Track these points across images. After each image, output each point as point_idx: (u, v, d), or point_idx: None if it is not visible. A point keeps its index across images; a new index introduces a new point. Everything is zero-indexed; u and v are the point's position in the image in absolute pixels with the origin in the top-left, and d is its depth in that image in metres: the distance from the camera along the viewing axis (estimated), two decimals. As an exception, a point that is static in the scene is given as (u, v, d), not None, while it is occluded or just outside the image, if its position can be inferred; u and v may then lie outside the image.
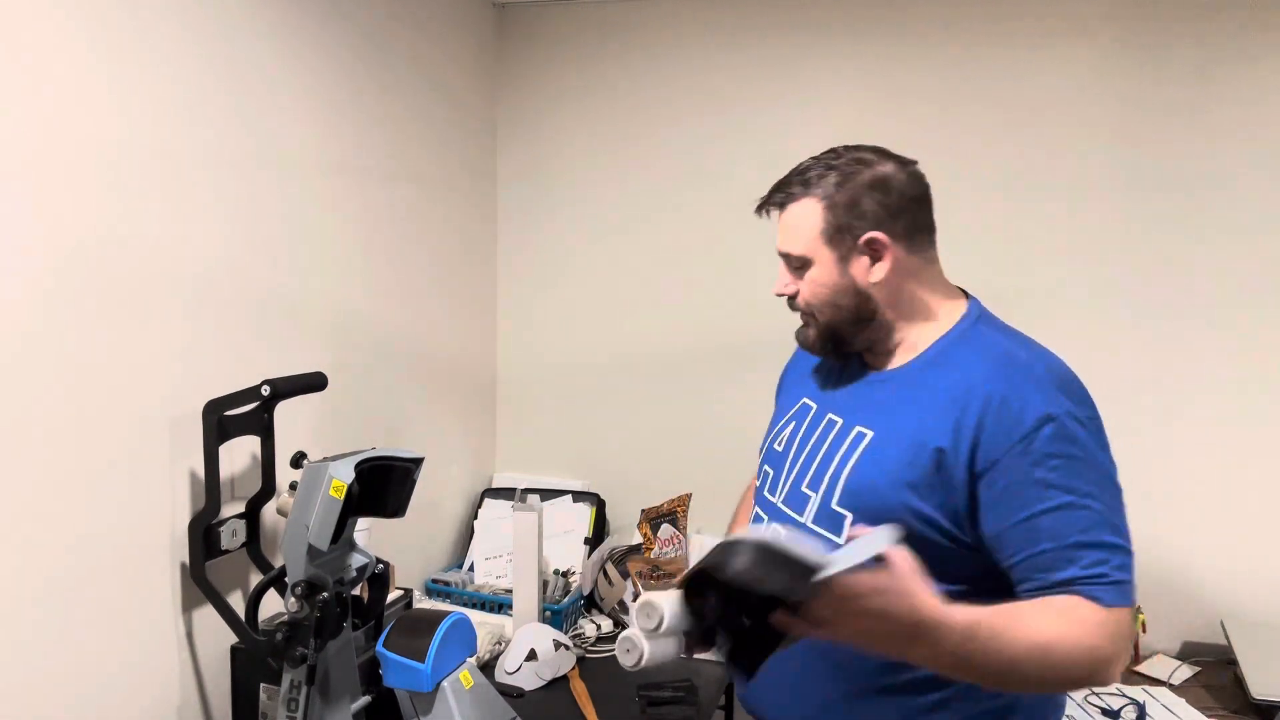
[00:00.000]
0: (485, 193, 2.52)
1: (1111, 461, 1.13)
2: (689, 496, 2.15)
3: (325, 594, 1.42)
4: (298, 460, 1.53)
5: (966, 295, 1.30)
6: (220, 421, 1.52)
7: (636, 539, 2.17)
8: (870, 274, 1.20)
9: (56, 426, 1.33)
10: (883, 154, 1.25)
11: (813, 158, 1.25)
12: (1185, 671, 1.96)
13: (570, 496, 2.42)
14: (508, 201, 2.57)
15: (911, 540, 1.05)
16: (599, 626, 2.10)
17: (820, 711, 1.22)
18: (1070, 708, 1.74)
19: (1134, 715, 1.72)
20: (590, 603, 2.21)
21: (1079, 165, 2.11)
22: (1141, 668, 1.98)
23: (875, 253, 1.20)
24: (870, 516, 1.12)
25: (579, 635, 2.05)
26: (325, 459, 1.45)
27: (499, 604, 2.13)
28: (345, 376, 1.93)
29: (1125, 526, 1.10)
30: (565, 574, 2.22)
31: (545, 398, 2.59)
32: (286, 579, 1.43)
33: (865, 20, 2.23)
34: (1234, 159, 2.02)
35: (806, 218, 1.21)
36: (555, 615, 2.04)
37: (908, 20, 2.20)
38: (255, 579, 1.66)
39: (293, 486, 1.51)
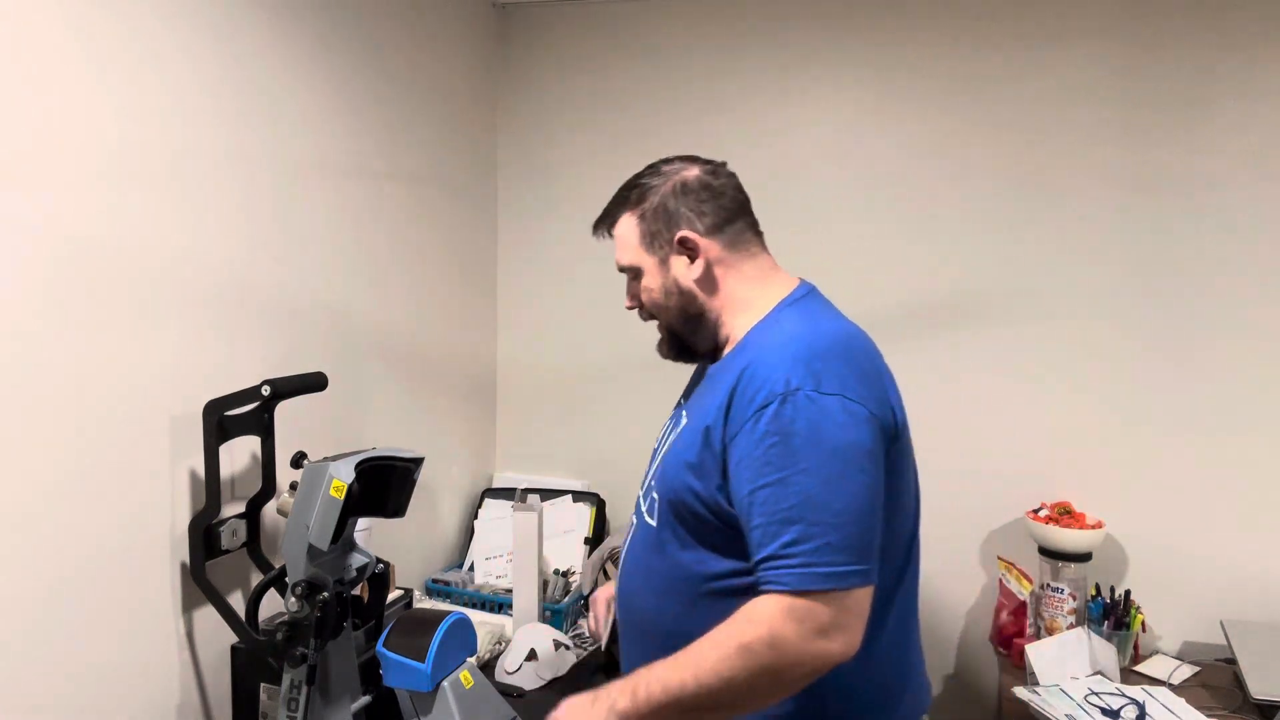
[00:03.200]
0: (485, 193, 2.52)
1: (851, 443, 1.07)
2: (689, 496, 2.15)
3: (325, 594, 1.42)
4: (298, 460, 1.53)
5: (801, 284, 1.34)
6: (220, 421, 1.52)
7: (636, 539, 2.17)
8: (689, 271, 1.27)
9: (57, 426, 1.33)
10: (690, 160, 1.32)
11: (633, 175, 1.33)
12: (1185, 671, 1.96)
13: (570, 496, 2.42)
14: (508, 201, 2.57)
15: (692, 520, 1.18)
16: (599, 626, 2.10)
17: None
18: (1070, 707, 1.74)
19: (1134, 715, 1.72)
20: (590, 603, 2.21)
21: (1079, 165, 2.11)
22: (1141, 668, 1.98)
23: (689, 251, 1.27)
24: (666, 499, 1.22)
25: (579, 635, 2.05)
26: (325, 459, 1.45)
27: (499, 604, 2.13)
28: (345, 376, 1.93)
29: (846, 506, 1.05)
30: (565, 574, 2.22)
31: (545, 398, 2.59)
32: (286, 579, 1.44)
33: (865, 21, 2.23)
34: (1234, 159, 2.02)
35: (628, 232, 1.30)
36: (555, 615, 2.04)
37: (908, 21, 2.20)
38: (255, 579, 1.66)
39: (293, 486, 1.51)
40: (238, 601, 1.66)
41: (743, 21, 2.32)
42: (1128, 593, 2.06)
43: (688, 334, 1.31)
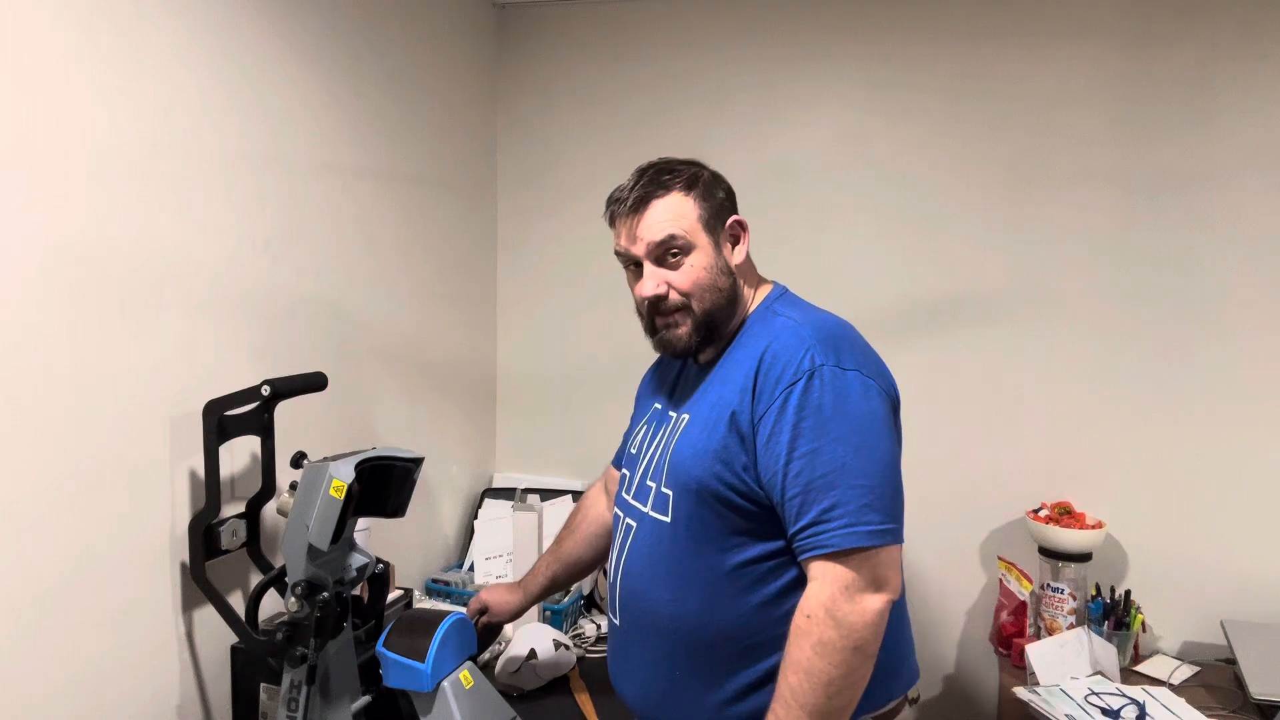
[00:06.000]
0: (485, 193, 2.52)
1: (873, 413, 1.18)
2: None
3: (325, 594, 1.42)
4: (298, 460, 1.53)
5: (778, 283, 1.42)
6: (220, 421, 1.52)
7: (636, 539, 2.16)
8: (734, 256, 1.33)
9: (57, 426, 1.33)
10: (696, 163, 1.37)
11: (638, 171, 1.34)
12: (1185, 671, 1.96)
13: (570, 496, 2.42)
14: (507, 202, 2.57)
15: (720, 507, 1.21)
16: (599, 626, 2.10)
17: (661, 695, 1.30)
18: (1070, 707, 1.74)
19: (1134, 715, 1.72)
20: (590, 603, 2.21)
21: (1079, 165, 2.11)
22: (1141, 668, 1.98)
23: (735, 236, 1.34)
24: (686, 491, 1.24)
25: (579, 635, 2.05)
26: (325, 459, 1.45)
27: (499, 604, 2.12)
28: (345, 376, 1.93)
29: (877, 470, 1.15)
30: (565, 574, 2.21)
31: (545, 398, 2.59)
32: (286, 579, 1.44)
33: (866, 21, 2.23)
34: (1235, 158, 2.02)
35: (680, 209, 1.29)
36: (555, 615, 2.04)
37: (907, 21, 2.20)
38: (255, 579, 1.66)
39: (293, 486, 1.51)
40: (238, 601, 1.66)
41: (742, 21, 2.32)
42: (1128, 593, 2.06)
43: (723, 319, 1.32)
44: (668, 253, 1.29)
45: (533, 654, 1.83)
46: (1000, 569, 2.14)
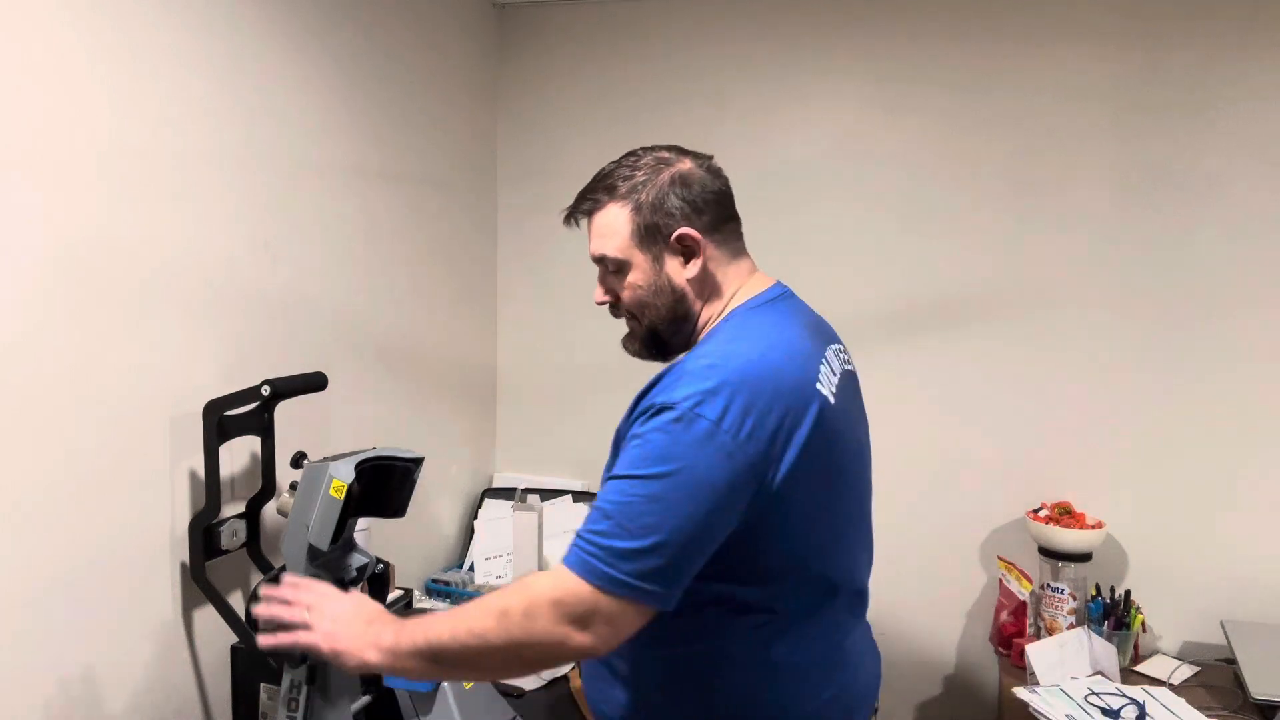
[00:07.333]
0: (485, 193, 2.52)
1: (699, 471, 1.03)
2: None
3: (325, 594, 1.42)
4: (298, 460, 1.53)
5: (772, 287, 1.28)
6: (220, 421, 1.52)
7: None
8: (685, 271, 1.21)
9: (56, 426, 1.33)
10: (680, 151, 1.25)
11: (613, 162, 1.26)
12: (1185, 671, 1.96)
13: (570, 496, 2.42)
14: (508, 201, 2.57)
15: None
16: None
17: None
18: (1070, 707, 1.74)
19: (1134, 715, 1.72)
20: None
21: (1079, 164, 2.11)
22: (1141, 668, 1.98)
23: (687, 249, 1.21)
24: None
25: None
26: (325, 459, 1.45)
27: (499, 604, 2.12)
28: (345, 376, 1.93)
29: (655, 524, 1.02)
30: (565, 574, 2.21)
31: (545, 398, 2.59)
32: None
33: (866, 21, 2.23)
34: (1236, 158, 2.02)
35: (615, 223, 1.21)
36: (555, 615, 2.04)
37: (907, 21, 2.20)
38: (255, 579, 1.66)
39: (293, 486, 1.51)
40: (238, 601, 1.66)
41: (743, 21, 2.32)
42: (1128, 593, 2.06)
43: (670, 334, 1.25)
44: (606, 268, 1.25)
45: (533, 654, 1.83)
46: (1000, 569, 2.14)
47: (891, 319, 2.24)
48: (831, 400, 1.13)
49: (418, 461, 1.55)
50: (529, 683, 1.81)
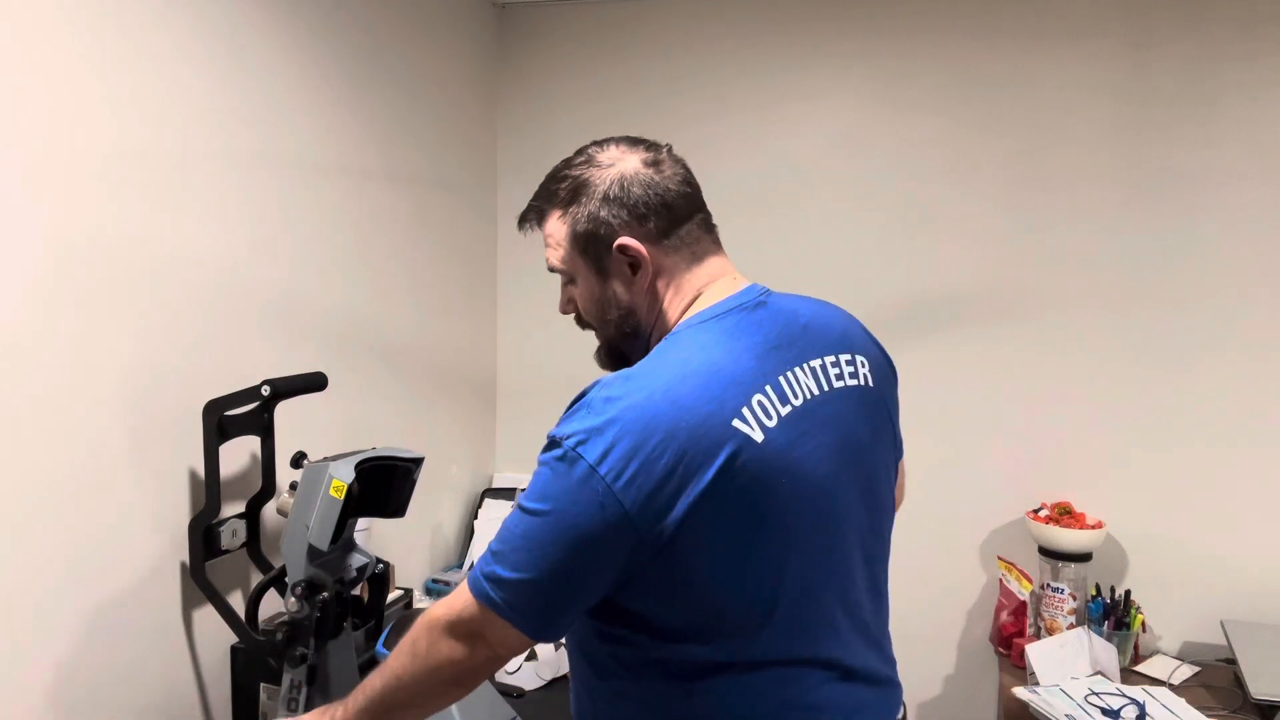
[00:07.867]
0: (485, 193, 2.52)
1: (567, 517, 0.97)
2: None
3: (325, 594, 1.42)
4: (298, 460, 1.53)
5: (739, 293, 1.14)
6: (220, 421, 1.52)
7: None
8: (631, 282, 1.11)
9: (57, 426, 1.33)
10: (629, 144, 1.15)
11: (562, 161, 1.18)
12: (1185, 671, 1.96)
13: (570, 496, 2.42)
14: (508, 202, 2.57)
15: None
16: (599, 626, 2.09)
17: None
18: (1070, 707, 1.74)
19: (1134, 715, 1.72)
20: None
21: (1080, 164, 2.11)
22: (1141, 668, 1.98)
23: (631, 260, 1.10)
24: None
25: (579, 635, 2.05)
26: (325, 459, 1.45)
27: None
28: (345, 376, 1.93)
29: (526, 561, 0.99)
30: (565, 574, 2.21)
31: (545, 398, 2.58)
32: (286, 579, 1.43)
33: (866, 21, 2.23)
34: (1236, 158, 2.02)
35: (558, 233, 1.14)
36: (555, 615, 2.04)
37: (908, 20, 2.20)
38: (255, 579, 1.66)
39: (293, 486, 1.51)
40: (238, 601, 1.66)
41: (743, 20, 2.32)
42: (1128, 593, 2.06)
43: (627, 349, 1.17)
44: (562, 277, 1.18)
45: (532, 654, 1.83)
46: (1000, 569, 2.14)
47: (891, 318, 2.24)
48: (760, 437, 0.96)
49: (418, 461, 1.55)
50: (529, 683, 1.81)
